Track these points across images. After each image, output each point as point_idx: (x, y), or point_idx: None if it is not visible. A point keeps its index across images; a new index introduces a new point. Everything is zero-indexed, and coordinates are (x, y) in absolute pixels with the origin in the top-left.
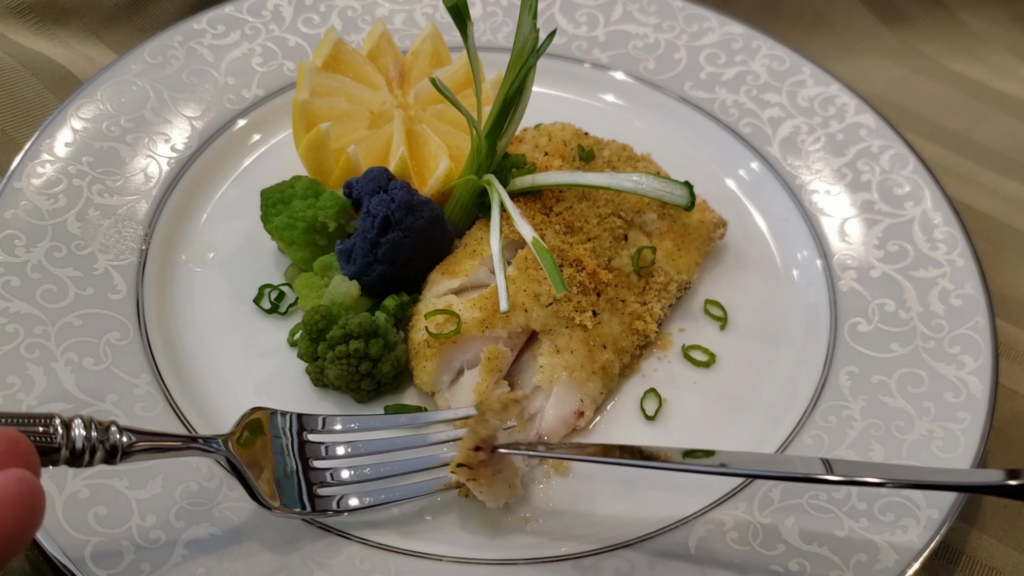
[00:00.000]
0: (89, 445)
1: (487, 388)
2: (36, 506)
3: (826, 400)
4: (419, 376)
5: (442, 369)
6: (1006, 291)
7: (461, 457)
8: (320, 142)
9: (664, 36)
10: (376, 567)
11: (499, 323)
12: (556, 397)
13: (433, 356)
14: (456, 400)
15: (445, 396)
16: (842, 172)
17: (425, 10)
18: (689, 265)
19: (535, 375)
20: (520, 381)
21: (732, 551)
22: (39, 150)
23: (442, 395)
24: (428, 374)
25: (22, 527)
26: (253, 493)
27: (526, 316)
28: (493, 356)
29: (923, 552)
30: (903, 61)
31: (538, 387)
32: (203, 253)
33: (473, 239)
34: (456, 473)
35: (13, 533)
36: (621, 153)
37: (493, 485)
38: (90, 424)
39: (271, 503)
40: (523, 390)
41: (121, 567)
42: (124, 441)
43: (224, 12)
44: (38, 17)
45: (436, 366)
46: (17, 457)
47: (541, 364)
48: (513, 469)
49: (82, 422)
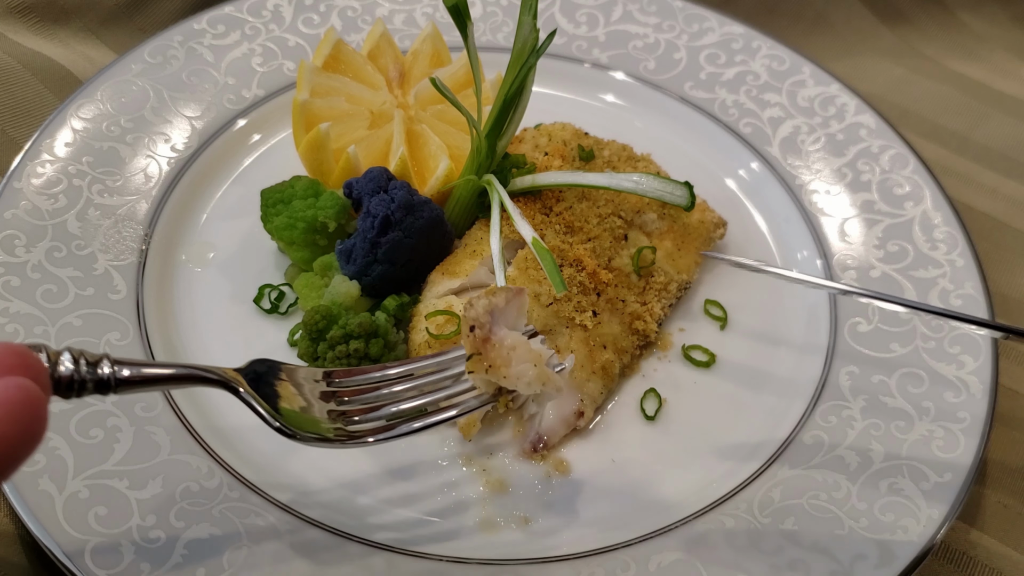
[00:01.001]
0: (79, 377)
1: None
2: (37, 414)
3: (826, 400)
4: None
5: None
6: (1006, 291)
7: (467, 348)
8: (320, 142)
9: (664, 36)
10: (376, 566)
11: None
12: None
13: None
14: None
15: None
16: (842, 172)
17: (425, 10)
18: (689, 265)
19: None
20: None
21: (732, 551)
22: (39, 150)
23: None
24: None
25: (22, 433)
26: (268, 419)
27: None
28: None
29: (923, 552)
30: (903, 61)
31: None
32: (203, 253)
33: (473, 239)
34: (473, 371)
35: (11, 439)
36: (621, 153)
37: (514, 366)
38: (80, 356)
39: (292, 429)
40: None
41: (121, 567)
42: (117, 372)
43: (224, 12)
44: (38, 17)
45: None
46: (25, 370)
47: None
48: (528, 349)
49: (71, 354)
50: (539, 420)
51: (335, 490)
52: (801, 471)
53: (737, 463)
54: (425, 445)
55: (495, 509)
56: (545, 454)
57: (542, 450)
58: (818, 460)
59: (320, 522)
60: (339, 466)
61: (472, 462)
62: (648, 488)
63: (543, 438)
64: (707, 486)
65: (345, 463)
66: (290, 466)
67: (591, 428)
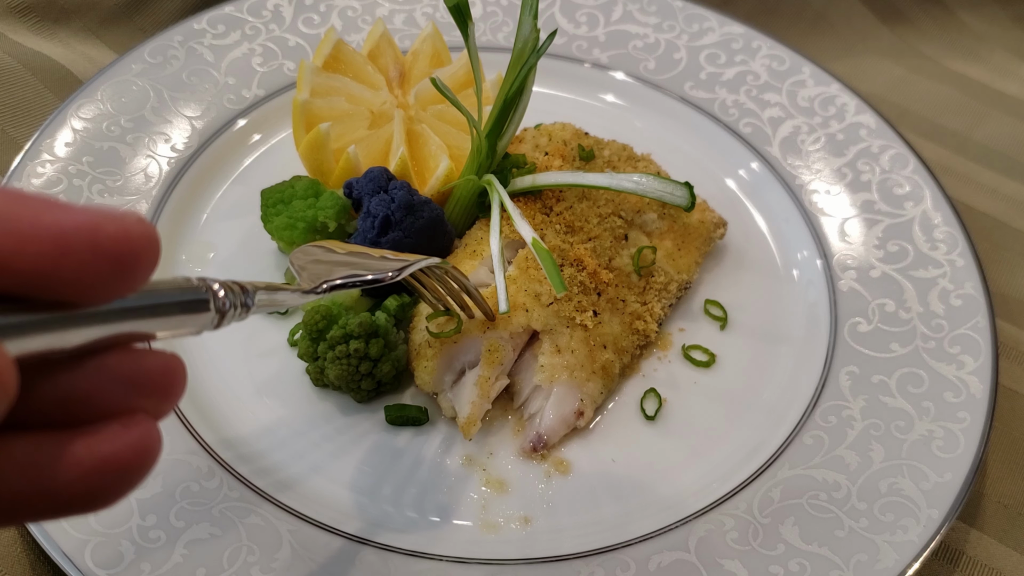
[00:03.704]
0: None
1: (489, 381)
2: (150, 467)
3: (826, 400)
4: (420, 376)
5: (443, 369)
6: (1006, 291)
7: None
8: (320, 142)
9: (664, 36)
10: (375, 566)
11: (500, 323)
12: (556, 397)
13: (434, 356)
14: (459, 400)
15: (447, 396)
16: (842, 172)
17: (425, 10)
18: (689, 265)
19: (536, 374)
20: (521, 380)
21: (732, 551)
22: (39, 150)
23: (444, 395)
24: (429, 374)
25: (129, 487)
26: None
27: (527, 316)
28: (494, 348)
29: (923, 552)
30: (903, 61)
31: (538, 386)
32: (203, 253)
33: (474, 239)
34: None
35: (117, 493)
36: (621, 153)
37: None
38: (233, 287)
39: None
40: (524, 389)
41: (121, 567)
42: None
43: (224, 12)
44: (38, 17)
45: (437, 366)
46: (168, 391)
47: (542, 363)
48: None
49: (228, 291)
50: (539, 420)
51: (335, 490)
52: (801, 471)
53: (737, 463)
54: (425, 445)
55: (495, 509)
56: (545, 454)
57: (542, 450)
58: (818, 460)
59: (320, 522)
60: (339, 466)
61: (472, 462)
62: (648, 488)
63: (543, 438)
64: (707, 486)
65: (346, 463)
66: (290, 466)
67: (591, 428)
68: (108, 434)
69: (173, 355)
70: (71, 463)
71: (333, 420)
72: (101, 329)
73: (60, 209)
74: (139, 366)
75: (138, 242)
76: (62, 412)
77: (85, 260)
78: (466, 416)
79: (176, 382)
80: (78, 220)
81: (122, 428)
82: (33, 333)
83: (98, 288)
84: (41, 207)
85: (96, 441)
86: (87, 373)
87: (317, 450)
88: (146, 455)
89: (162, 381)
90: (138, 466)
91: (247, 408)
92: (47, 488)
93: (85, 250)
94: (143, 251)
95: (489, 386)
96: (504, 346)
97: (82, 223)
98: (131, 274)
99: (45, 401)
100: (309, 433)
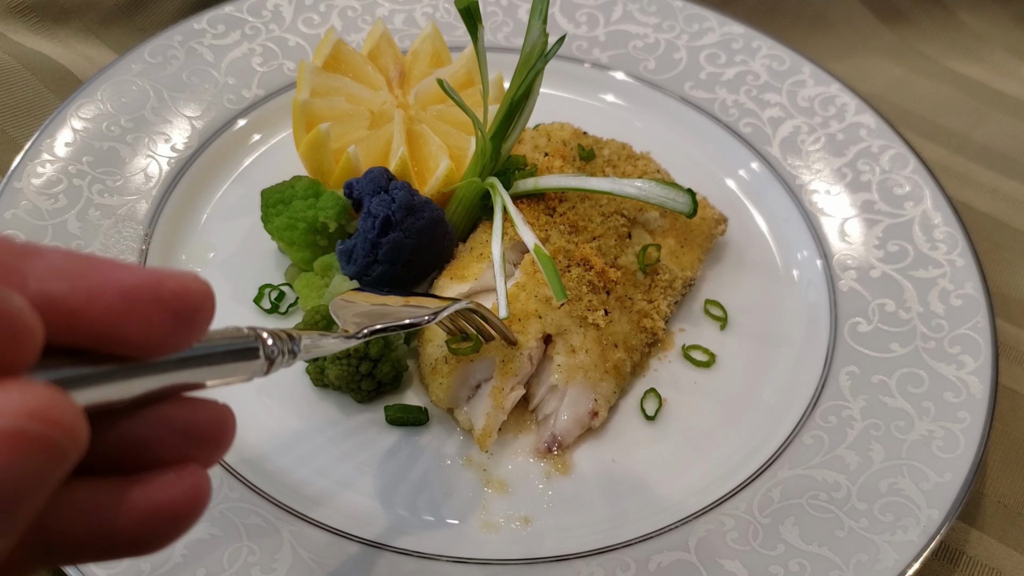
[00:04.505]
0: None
1: (503, 391)
2: (198, 515)
3: (826, 400)
4: (435, 392)
5: (459, 385)
6: (1006, 291)
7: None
8: (320, 142)
9: (664, 36)
10: (376, 566)
11: (519, 343)
12: (570, 398)
13: (450, 373)
14: (475, 412)
15: (464, 411)
16: (842, 172)
17: (425, 10)
18: (692, 262)
19: (552, 374)
20: (536, 381)
21: (732, 551)
22: (39, 150)
23: (460, 410)
24: (445, 391)
25: (172, 534)
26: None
27: (541, 323)
28: (508, 359)
29: (923, 552)
30: (903, 61)
31: (553, 387)
32: (203, 253)
33: (479, 242)
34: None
35: (162, 538)
36: (621, 152)
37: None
38: (278, 335)
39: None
40: (539, 391)
41: (121, 567)
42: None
43: (224, 12)
44: (38, 17)
45: (453, 382)
46: (219, 442)
47: (559, 363)
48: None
49: (269, 335)
50: (554, 421)
51: (336, 490)
52: (801, 471)
53: (737, 463)
54: (427, 445)
55: (496, 509)
56: (560, 455)
57: (557, 450)
58: (818, 460)
59: (320, 522)
60: (339, 466)
61: (473, 462)
62: (648, 488)
63: (558, 439)
64: (707, 486)
65: (346, 464)
66: (290, 466)
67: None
68: (164, 482)
69: (224, 406)
70: (129, 509)
71: (333, 420)
72: (160, 379)
73: (124, 268)
74: (193, 416)
75: (196, 297)
76: (121, 459)
77: (149, 314)
78: (482, 428)
79: (227, 433)
80: (141, 277)
81: (177, 477)
82: (100, 384)
83: (160, 340)
84: (107, 266)
85: (153, 489)
86: (145, 422)
87: (317, 450)
88: (198, 503)
89: (214, 431)
90: (190, 513)
91: (247, 409)
92: (107, 532)
93: (149, 304)
94: (201, 306)
95: (503, 396)
96: (519, 357)
97: (145, 280)
98: (190, 327)
99: (106, 448)
100: (309, 433)
